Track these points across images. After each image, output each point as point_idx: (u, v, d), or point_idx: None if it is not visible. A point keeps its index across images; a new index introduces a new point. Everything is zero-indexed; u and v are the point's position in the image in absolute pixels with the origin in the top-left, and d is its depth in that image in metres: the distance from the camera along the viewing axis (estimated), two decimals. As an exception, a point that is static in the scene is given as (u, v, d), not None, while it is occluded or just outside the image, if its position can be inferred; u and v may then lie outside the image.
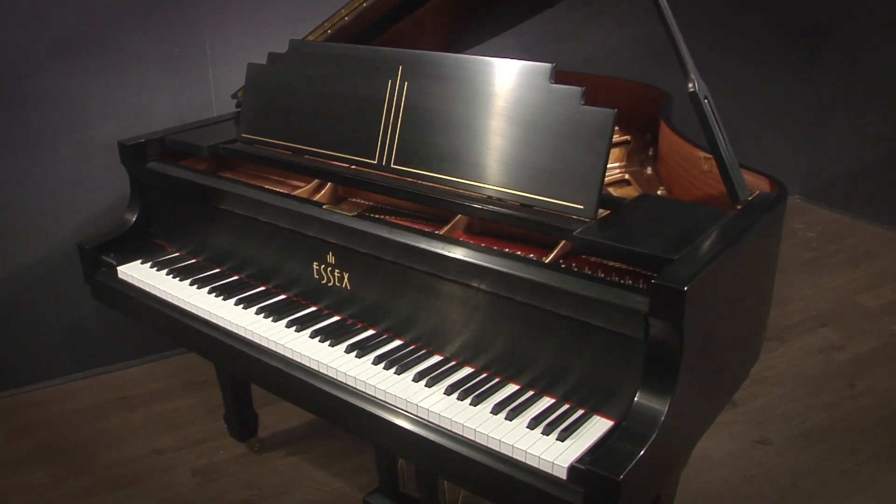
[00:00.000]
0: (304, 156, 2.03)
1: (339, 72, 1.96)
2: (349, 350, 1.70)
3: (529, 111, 1.65)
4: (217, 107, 3.08)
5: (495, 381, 1.57)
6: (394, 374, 1.61)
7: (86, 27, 2.80)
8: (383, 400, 1.57)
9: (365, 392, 1.60)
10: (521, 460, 1.37)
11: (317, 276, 1.85)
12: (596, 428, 1.42)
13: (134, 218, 2.29)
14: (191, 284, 2.04)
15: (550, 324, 1.47)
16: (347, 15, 2.15)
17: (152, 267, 2.15)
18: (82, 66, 2.84)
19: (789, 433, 2.71)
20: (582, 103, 1.59)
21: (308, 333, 1.77)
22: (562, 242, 1.60)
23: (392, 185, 1.83)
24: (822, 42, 4.55)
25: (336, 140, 1.96)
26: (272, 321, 1.83)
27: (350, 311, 1.82)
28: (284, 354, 1.75)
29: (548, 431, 1.41)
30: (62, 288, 3.00)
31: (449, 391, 1.54)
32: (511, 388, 1.55)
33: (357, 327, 1.79)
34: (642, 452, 1.27)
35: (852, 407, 2.86)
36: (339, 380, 1.64)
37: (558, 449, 1.36)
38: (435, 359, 1.66)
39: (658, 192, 1.98)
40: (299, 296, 1.92)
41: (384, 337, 1.75)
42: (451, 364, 1.64)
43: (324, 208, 1.83)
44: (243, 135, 2.16)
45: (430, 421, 1.50)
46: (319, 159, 1.99)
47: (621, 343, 1.39)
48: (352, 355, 1.68)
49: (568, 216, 1.59)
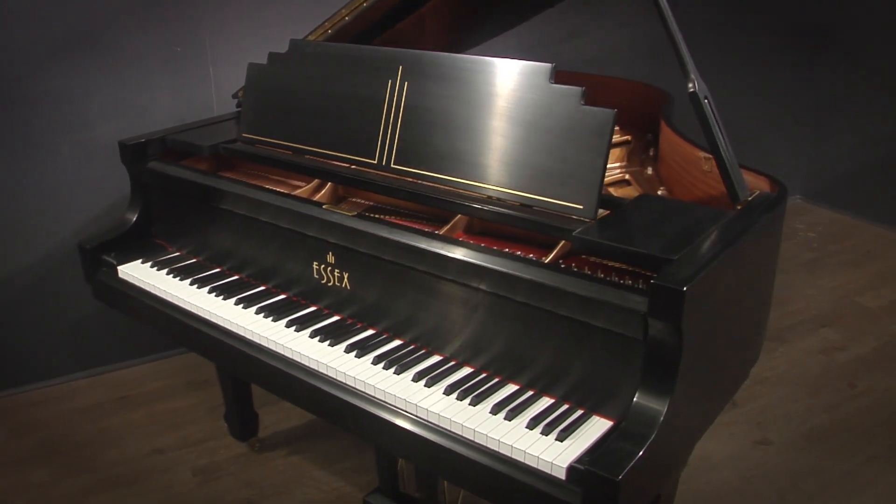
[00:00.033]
0: (305, 156, 2.03)
1: (340, 72, 1.96)
2: (349, 350, 1.70)
3: (529, 111, 1.65)
4: (218, 106, 3.08)
5: (495, 381, 1.57)
6: (393, 374, 1.61)
7: (86, 27, 2.81)
8: (382, 400, 1.57)
9: (364, 392, 1.60)
10: (520, 460, 1.37)
11: (317, 276, 1.86)
12: (595, 428, 1.42)
13: (134, 217, 2.29)
14: (191, 284, 2.04)
15: (550, 324, 1.47)
16: (348, 15, 2.15)
17: (153, 266, 2.16)
18: (83, 66, 2.84)
19: (790, 434, 2.71)
20: (582, 103, 1.59)
21: (308, 333, 1.77)
22: (561, 242, 1.60)
23: (392, 185, 1.83)
24: (824, 42, 4.55)
25: (336, 140, 1.96)
26: (272, 321, 1.83)
27: (350, 311, 1.82)
28: (284, 354, 1.75)
29: (547, 431, 1.41)
30: (63, 287, 3.00)
31: (448, 391, 1.54)
32: (510, 388, 1.55)
33: (357, 327, 1.79)
34: (641, 453, 1.27)
35: (853, 407, 2.85)
36: (339, 379, 1.64)
37: (557, 449, 1.36)
38: (434, 359, 1.66)
39: (658, 193, 1.97)
40: (299, 295, 1.92)
41: (384, 337, 1.75)
42: (451, 364, 1.64)
43: (324, 208, 1.83)
44: (244, 134, 2.16)
45: (429, 421, 1.50)
46: (319, 159, 2.00)
47: (621, 343, 1.39)
48: (351, 355, 1.68)
49: (568, 216, 1.59)
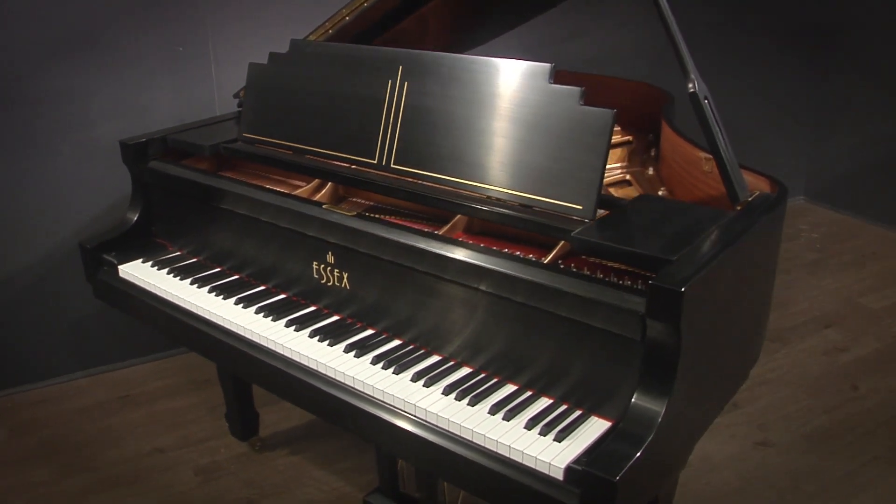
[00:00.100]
0: (305, 155, 2.03)
1: (340, 71, 1.96)
2: (348, 350, 1.70)
3: (529, 111, 1.65)
4: (220, 106, 3.08)
5: (493, 382, 1.57)
6: (392, 374, 1.61)
7: (87, 27, 2.81)
8: (381, 400, 1.57)
9: (363, 392, 1.60)
10: (518, 461, 1.37)
11: (316, 276, 1.86)
12: (594, 429, 1.42)
13: (135, 217, 2.29)
14: (191, 283, 2.04)
15: (549, 324, 1.47)
16: (348, 15, 2.15)
17: (153, 266, 2.16)
18: (83, 66, 2.84)
19: (791, 435, 2.70)
20: (581, 103, 1.58)
21: (307, 333, 1.77)
22: (561, 243, 1.60)
23: (391, 185, 1.83)
24: (825, 42, 4.54)
25: (336, 140, 1.96)
26: (272, 320, 1.83)
27: (349, 311, 1.82)
28: (283, 354, 1.75)
29: (545, 432, 1.40)
30: (63, 287, 3.01)
31: (447, 391, 1.54)
32: (509, 389, 1.55)
33: (356, 327, 1.79)
34: (639, 454, 1.27)
35: (855, 409, 2.85)
36: (338, 379, 1.64)
37: (555, 450, 1.36)
38: (433, 359, 1.66)
39: (659, 193, 1.97)
40: (299, 295, 1.92)
41: (383, 337, 1.75)
42: (450, 364, 1.64)
43: (323, 208, 1.83)
44: (244, 134, 2.16)
45: (428, 421, 1.50)
46: (320, 159, 2.00)
47: (619, 344, 1.39)
48: (350, 355, 1.68)
49: (567, 216, 1.58)
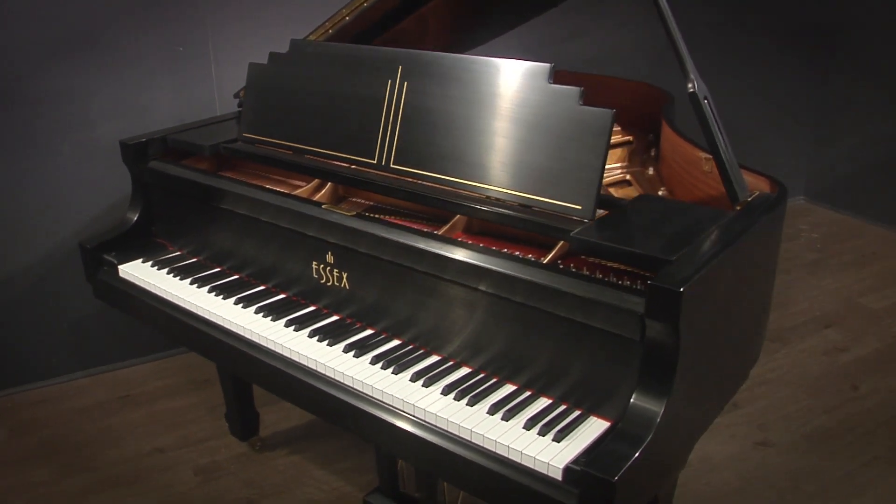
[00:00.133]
0: (305, 155, 2.03)
1: (340, 71, 1.96)
2: (347, 349, 1.70)
3: (528, 111, 1.65)
4: (220, 106, 3.08)
5: (492, 382, 1.57)
6: (391, 374, 1.61)
7: (87, 27, 2.81)
8: (380, 399, 1.57)
9: (362, 392, 1.60)
10: (517, 461, 1.37)
11: (316, 276, 1.86)
12: (592, 429, 1.42)
13: (135, 217, 2.29)
14: (191, 283, 2.04)
15: (548, 324, 1.47)
16: (348, 15, 2.15)
17: (153, 266, 2.16)
18: (83, 66, 2.84)
19: (791, 435, 2.70)
20: (580, 103, 1.58)
21: (306, 333, 1.77)
22: (560, 243, 1.60)
23: (391, 185, 1.83)
24: (825, 42, 4.53)
25: (336, 140, 1.96)
26: (271, 320, 1.84)
27: (349, 311, 1.82)
28: (283, 354, 1.75)
29: (544, 432, 1.40)
30: (63, 287, 3.01)
31: (446, 391, 1.54)
32: (508, 389, 1.55)
33: (355, 327, 1.79)
34: (637, 454, 1.27)
35: (855, 409, 2.84)
36: (337, 379, 1.64)
37: (554, 450, 1.36)
38: (433, 359, 1.66)
39: (660, 193, 1.97)
40: (298, 295, 1.92)
41: (382, 337, 1.75)
42: (449, 364, 1.64)
43: (323, 208, 1.83)
44: (244, 134, 2.16)
45: (427, 421, 1.50)
46: (320, 159, 2.00)
47: (618, 344, 1.39)
48: (349, 355, 1.68)
49: (566, 216, 1.58)
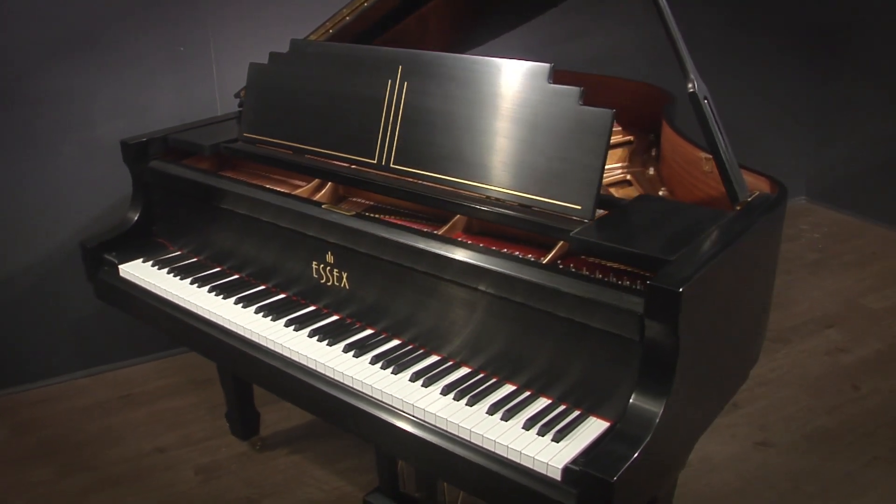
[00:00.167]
0: (305, 155, 2.03)
1: (340, 71, 1.96)
2: (347, 349, 1.70)
3: (527, 111, 1.64)
4: (221, 106, 3.08)
5: (492, 382, 1.57)
6: (390, 374, 1.61)
7: (87, 26, 2.81)
8: (380, 399, 1.57)
9: (361, 391, 1.60)
10: (516, 461, 1.37)
11: (316, 276, 1.86)
12: (592, 429, 1.42)
13: (136, 217, 2.29)
14: (191, 283, 2.04)
15: (547, 324, 1.47)
16: (349, 15, 2.15)
17: (154, 265, 2.16)
18: (84, 66, 2.84)
19: (791, 435, 2.70)
20: (580, 103, 1.58)
21: (306, 333, 1.77)
22: (560, 243, 1.60)
23: (391, 185, 1.83)
24: (826, 42, 4.53)
25: (336, 139, 1.96)
26: (271, 320, 1.84)
27: (348, 311, 1.82)
28: (283, 353, 1.75)
29: (543, 432, 1.40)
30: (64, 287, 3.01)
31: (445, 391, 1.54)
32: (507, 389, 1.55)
33: (355, 327, 1.79)
34: (636, 454, 1.27)
35: (856, 409, 2.84)
36: (336, 379, 1.64)
37: (553, 450, 1.36)
38: (432, 358, 1.66)
39: (660, 193, 1.97)
40: (298, 295, 1.92)
41: (382, 336, 1.75)
42: (448, 364, 1.64)
43: (323, 208, 1.83)
44: (245, 134, 2.16)
45: (426, 421, 1.50)
46: (320, 159, 2.00)
47: (618, 344, 1.39)
48: (349, 355, 1.68)
49: (566, 216, 1.58)
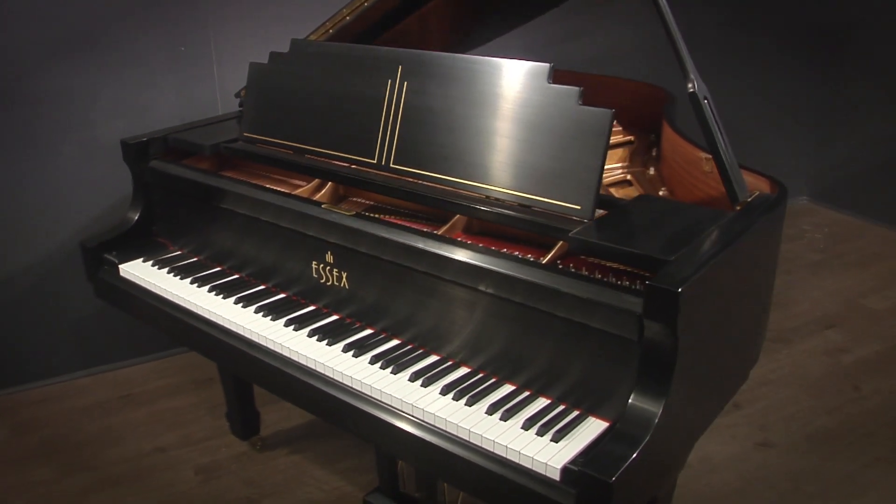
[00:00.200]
0: (305, 155, 2.03)
1: (340, 71, 1.96)
2: (346, 349, 1.70)
3: (527, 111, 1.64)
4: (222, 106, 3.08)
5: (491, 382, 1.57)
6: (390, 374, 1.61)
7: (88, 26, 2.81)
8: (379, 399, 1.57)
9: (361, 391, 1.60)
10: (515, 461, 1.37)
11: (316, 276, 1.86)
12: (591, 429, 1.42)
13: (136, 216, 2.29)
14: (191, 283, 2.04)
15: (547, 324, 1.47)
16: (349, 14, 2.15)
17: (154, 265, 2.16)
18: (84, 66, 2.85)
19: (792, 436, 2.70)
20: (580, 103, 1.58)
21: (306, 332, 1.77)
22: (559, 243, 1.60)
23: (391, 185, 1.83)
24: (827, 42, 4.52)
25: (336, 139, 1.96)
26: (271, 320, 1.84)
27: (348, 311, 1.82)
28: (282, 353, 1.75)
29: (542, 432, 1.40)
30: (64, 286, 3.01)
31: (444, 391, 1.54)
32: (507, 389, 1.55)
33: (355, 327, 1.79)
34: (635, 455, 1.26)
35: (857, 410, 2.84)
36: (336, 379, 1.64)
37: (552, 450, 1.36)
38: (431, 358, 1.66)
39: (660, 193, 1.97)
40: (298, 295, 1.92)
41: (381, 336, 1.75)
42: (448, 364, 1.64)
43: (323, 208, 1.83)
44: (245, 134, 2.16)
45: (425, 421, 1.50)
46: (320, 159, 2.00)
47: (617, 344, 1.38)
48: (348, 354, 1.68)
49: (565, 216, 1.58)
